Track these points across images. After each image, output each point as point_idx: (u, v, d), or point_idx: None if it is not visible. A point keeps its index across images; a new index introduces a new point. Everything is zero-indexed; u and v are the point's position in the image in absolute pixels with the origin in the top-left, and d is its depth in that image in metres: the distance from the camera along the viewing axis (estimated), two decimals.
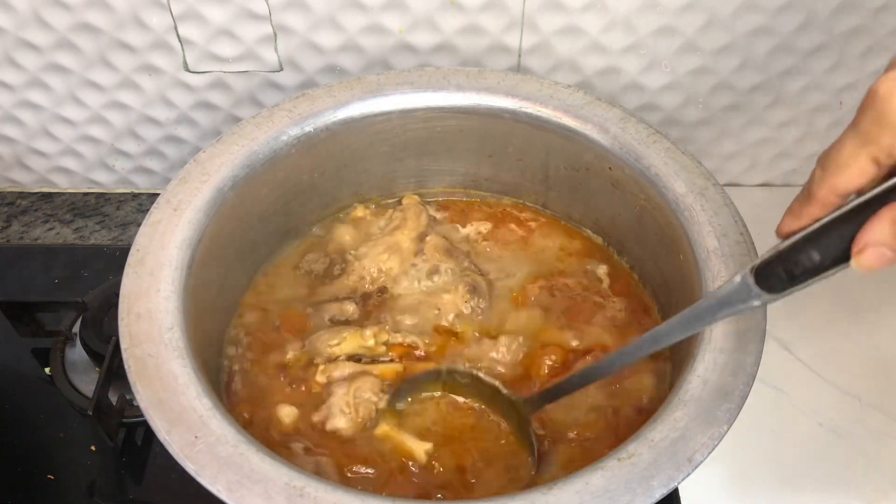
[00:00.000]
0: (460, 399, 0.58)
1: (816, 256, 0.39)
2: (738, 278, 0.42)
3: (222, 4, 0.69)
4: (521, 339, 0.60)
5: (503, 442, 0.56)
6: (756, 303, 0.42)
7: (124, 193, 0.87)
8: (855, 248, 0.38)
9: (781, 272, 0.41)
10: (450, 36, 0.72)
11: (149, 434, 0.65)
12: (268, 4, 0.69)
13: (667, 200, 0.58)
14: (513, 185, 0.72)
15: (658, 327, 0.47)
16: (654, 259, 0.63)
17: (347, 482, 0.53)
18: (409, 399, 0.58)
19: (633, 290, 0.66)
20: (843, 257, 0.38)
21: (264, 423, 0.57)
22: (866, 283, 0.74)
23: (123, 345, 0.49)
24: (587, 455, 0.54)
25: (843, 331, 0.71)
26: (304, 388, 0.59)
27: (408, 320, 0.62)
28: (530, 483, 0.52)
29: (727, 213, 0.56)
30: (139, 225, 0.56)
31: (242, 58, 0.73)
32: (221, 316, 0.63)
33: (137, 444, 0.65)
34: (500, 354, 0.60)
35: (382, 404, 0.57)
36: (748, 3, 0.68)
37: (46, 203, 0.86)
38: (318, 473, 0.51)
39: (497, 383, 0.57)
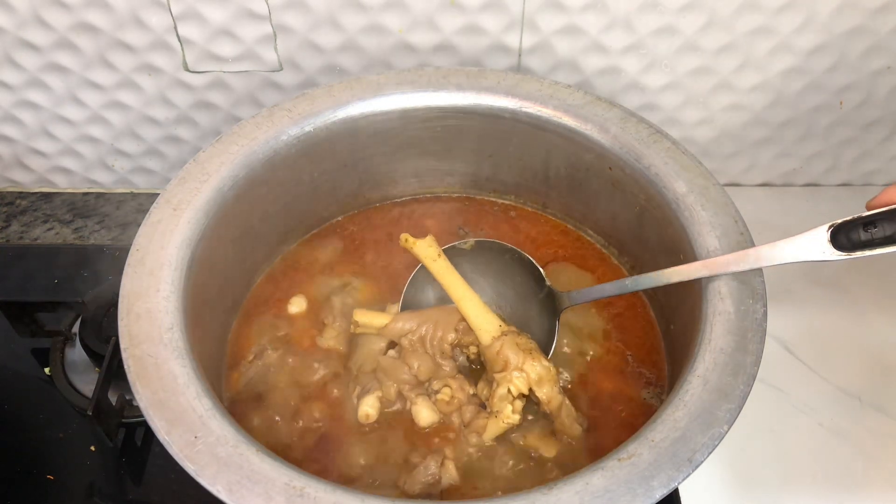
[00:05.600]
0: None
1: (890, 230, 0.46)
2: (815, 232, 0.49)
3: (222, 4, 0.69)
4: None
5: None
6: (824, 256, 0.48)
7: (124, 193, 0.87)
8: None
9: (855, 236, 0.47)
10: (450, 36, 0.72)
11: (149, 434, 0.65)
12: (268, 4, 0.69)
13: (667, 200, 0.58)
14: (513, 185, 0.72)
15: (717, 258, 0.52)
16: (654, 259, 0.63)
17: None
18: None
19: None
20: None
21: None
22: (867, 284, 0.74)
23: (123, 345, 0.49)
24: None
25: (843, 331, 0.71)
26: None
27: None
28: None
29: (727, 213, 0.56)
30: (139, 225, 0.55)
31: (242, 58, 0.73)
32: (221, 316, 0.63)
33: (137, 444, 0.65)
34: None
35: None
36: (748, 3, 0.68)
37: (46, 203, 0.86)
38: None
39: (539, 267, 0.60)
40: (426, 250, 0.60)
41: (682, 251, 0.57)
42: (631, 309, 0.64)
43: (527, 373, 0.54)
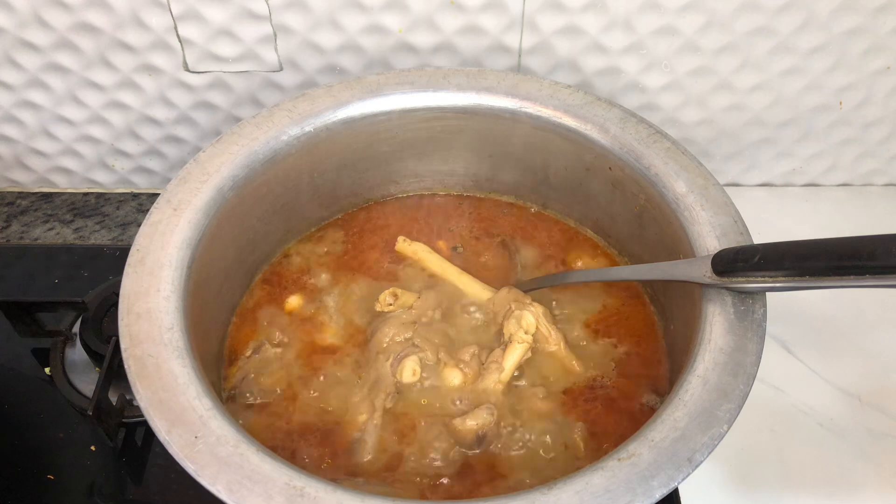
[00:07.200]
0: None
1: (756, 259, 0.47)
2: (704, 254, 0.53)
3: (222, 4, 0.69)
4: None
5: None
6: (706, 280, 0.51)
7: (124, 193, 0.87)
8: None
9: (729, 266, 0.49)
10: (450, 36, 0.72)
11: (149, 434, 0.65)
12: (268, 4, 0.69)
13: (667, 200, 0.58)
14: (513, 185, 0.72)
15: (629, 267, 0.65)
16: (654, 259, 0.63)
17: None
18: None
19: (634, 291, 0.66)
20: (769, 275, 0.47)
21: None
22: None
23: (123, 345, 0.49)
24: None
25: (843, 331, 0.71)
26: None
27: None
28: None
29: (727, 213, 0.56)
30: (139, 225, 0.56)
31: (242, 58, 0.73)
32: (221, 315, 0.63)
33: (137, 444, 0.65)
34: None
35: None
36: (748, 3, 0.68)
37: (46, 203, 0.86)
38: None
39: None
40: (421, 248, 0.68)
41: (681, 251, 0.57)
42: (631, 309, 0.64)
43: (529, 312, 0.61)
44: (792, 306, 0.71)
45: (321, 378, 0.60)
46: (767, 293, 0.51)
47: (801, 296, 0.49)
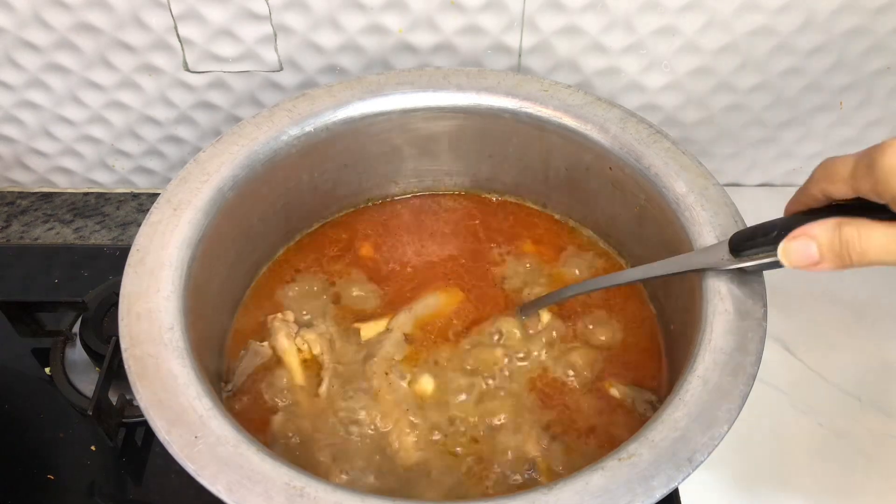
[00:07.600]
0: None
1: (774, 233, 0.46)
2: (717, 241, 0.53)
3: (222, 4, 0.69)
4: None
5: None
6: (725, 264, 0.50)
7: (124, 193, 0.87)
8: (790, 235, 0.44)
9: (747, 243, 0.49)
10: (450, 36, 0.72)
11: (149, 434, 0.65)
12: (268, 4, 0.69)
13: (667, 200, 0.58)
14: (513, 185, 0.72)
15: (640, 267, 0.57)
16: (654, 259, 0.62)
17: None
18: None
19: (633, 291, 0.66)
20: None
21: None
22: (866, 283, 0.74)
23: (123, 345, 0.49)
24: None
25: (843, 331, 0.71)
26: None
27: None
28: None
29: (727, 213, 0.56)
30: (139, 225, 0.56)
31: (242, 58, 0.73)
32: (222, 316, 0.63)
33: (137, 444, 0.65)
34: None
35: None
36: (748, 3, 0.68)
37: (46, 203, 0.86)
38: None
39: None
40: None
41: (681, 251, 0.56)
42: (630, 309, 0.64)
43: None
44: (792, 306, 0.71)
45: (322, 378, 0.60)
46: (768, 293, 0.52)
47: (802, 296, 0.49)
